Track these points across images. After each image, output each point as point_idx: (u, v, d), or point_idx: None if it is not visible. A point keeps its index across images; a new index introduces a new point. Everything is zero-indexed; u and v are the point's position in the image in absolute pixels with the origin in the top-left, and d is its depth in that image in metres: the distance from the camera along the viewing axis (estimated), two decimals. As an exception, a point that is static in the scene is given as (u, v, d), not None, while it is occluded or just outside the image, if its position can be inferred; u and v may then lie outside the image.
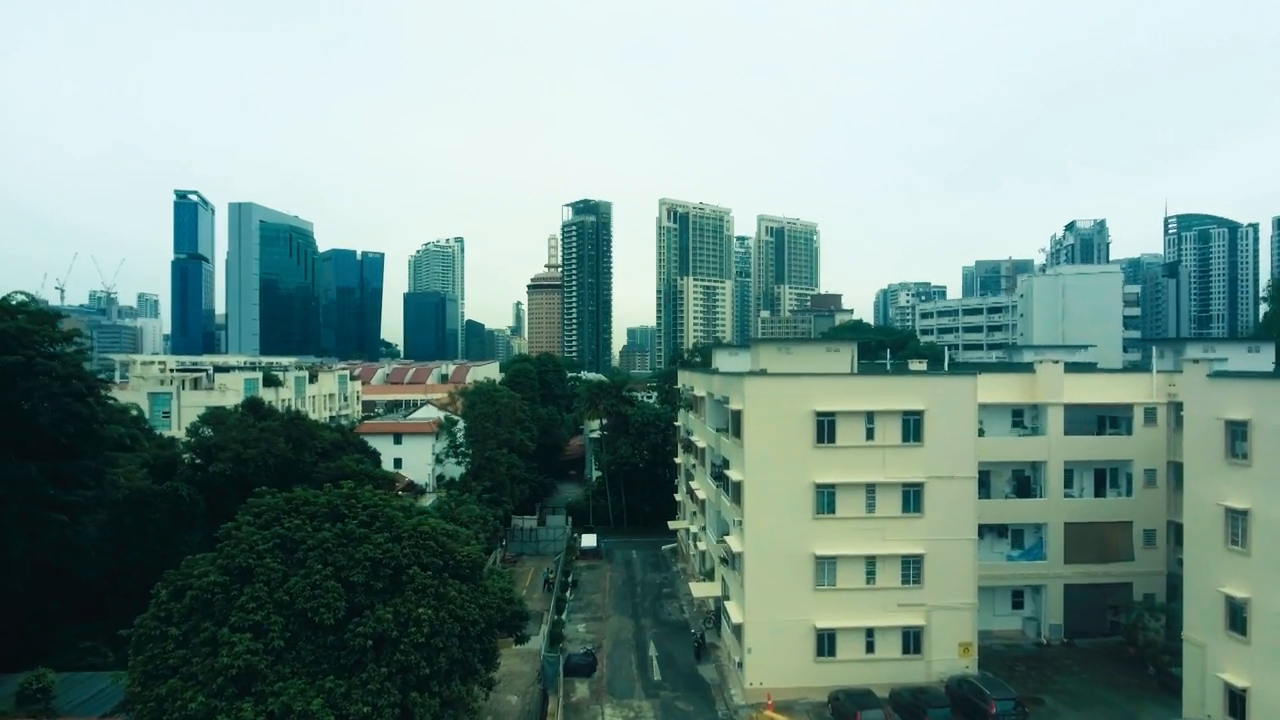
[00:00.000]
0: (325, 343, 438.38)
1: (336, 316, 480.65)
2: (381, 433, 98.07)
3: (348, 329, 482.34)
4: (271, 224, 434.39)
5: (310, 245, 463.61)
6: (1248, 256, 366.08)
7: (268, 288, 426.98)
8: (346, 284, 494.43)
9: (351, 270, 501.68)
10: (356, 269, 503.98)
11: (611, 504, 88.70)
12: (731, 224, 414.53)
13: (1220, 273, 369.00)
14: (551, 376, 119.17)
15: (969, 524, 39.99)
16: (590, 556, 73.25)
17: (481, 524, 61.33)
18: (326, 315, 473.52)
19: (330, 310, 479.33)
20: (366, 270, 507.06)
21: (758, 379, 40.02)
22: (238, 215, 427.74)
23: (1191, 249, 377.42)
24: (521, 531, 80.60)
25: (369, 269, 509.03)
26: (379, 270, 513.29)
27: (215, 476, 57.49)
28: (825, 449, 39.34)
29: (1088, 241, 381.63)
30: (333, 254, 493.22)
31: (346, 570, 28.33)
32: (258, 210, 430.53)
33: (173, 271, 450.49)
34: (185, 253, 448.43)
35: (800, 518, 39.27)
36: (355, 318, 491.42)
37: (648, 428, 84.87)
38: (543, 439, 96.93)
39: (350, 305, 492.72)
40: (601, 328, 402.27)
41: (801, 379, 39.88)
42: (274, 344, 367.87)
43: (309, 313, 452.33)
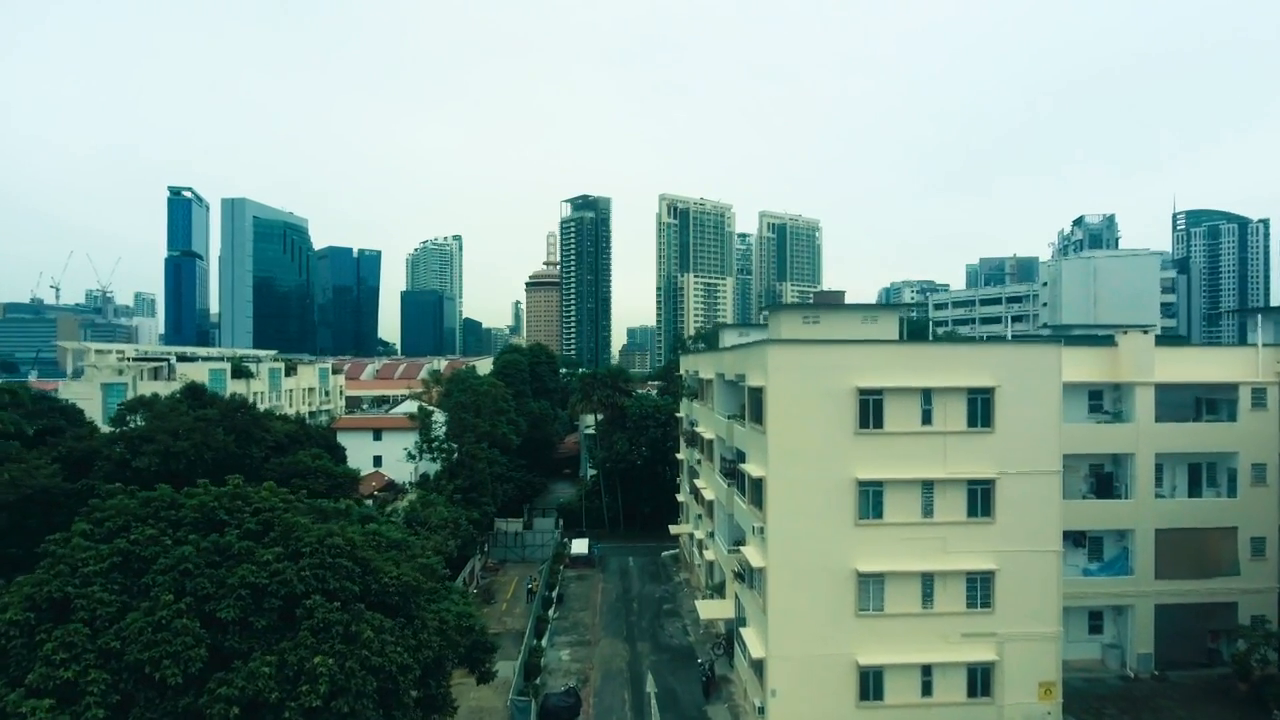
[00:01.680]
0: (321, 341, 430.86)
1: (333, 315, 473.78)
2: (360, 428, 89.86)
3: (344, 328, 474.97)
4: (265, 220, 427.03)
5: (305, 242, 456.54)
6: (1258, 253, 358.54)
7: (262, 285, 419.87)
8: (343, 282, 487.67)
9: (348, 268, 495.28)
10: (353, 267, 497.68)
11: (606, 505, 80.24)
12: (733, 220, 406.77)
13: (1230, 269, 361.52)
14: (544, 368, 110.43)
15: (1052, 531, 31.50)
16: (581, 565, 64.79)
17: (453, 529, 52.97)
18: (323, 314, 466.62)
19: (327, 309, 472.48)
20: (363, 268, 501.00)
21: (784, 347, 31.46)
22: (230, 211, 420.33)
23: (1200, 245, 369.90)
24: (505, 536, 72.18)
25: (366, 267, 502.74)
26: (376, 268, 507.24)
27: (140, 473, 49.13)
28: (870, 436, 30.85)
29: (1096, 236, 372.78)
30: (329, 251, 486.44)
31: (214, 602, 19.91)
32: (251, 206, 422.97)
33: (166, 269, 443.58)
34: (179, 250, 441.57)
35: (838, 524, 30.79)
36: (352, 316, 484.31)
37: (646, 421, 76.39)
38: (532, 434, 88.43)
39: (347, 304, 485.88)
40: (600, 325, 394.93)
41: (840, 347, 31.35)
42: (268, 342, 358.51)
43: (304, 311, 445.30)
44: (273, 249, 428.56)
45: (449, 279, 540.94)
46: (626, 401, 79.10)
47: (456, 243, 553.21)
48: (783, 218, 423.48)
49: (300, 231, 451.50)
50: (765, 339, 31.31)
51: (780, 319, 37.58)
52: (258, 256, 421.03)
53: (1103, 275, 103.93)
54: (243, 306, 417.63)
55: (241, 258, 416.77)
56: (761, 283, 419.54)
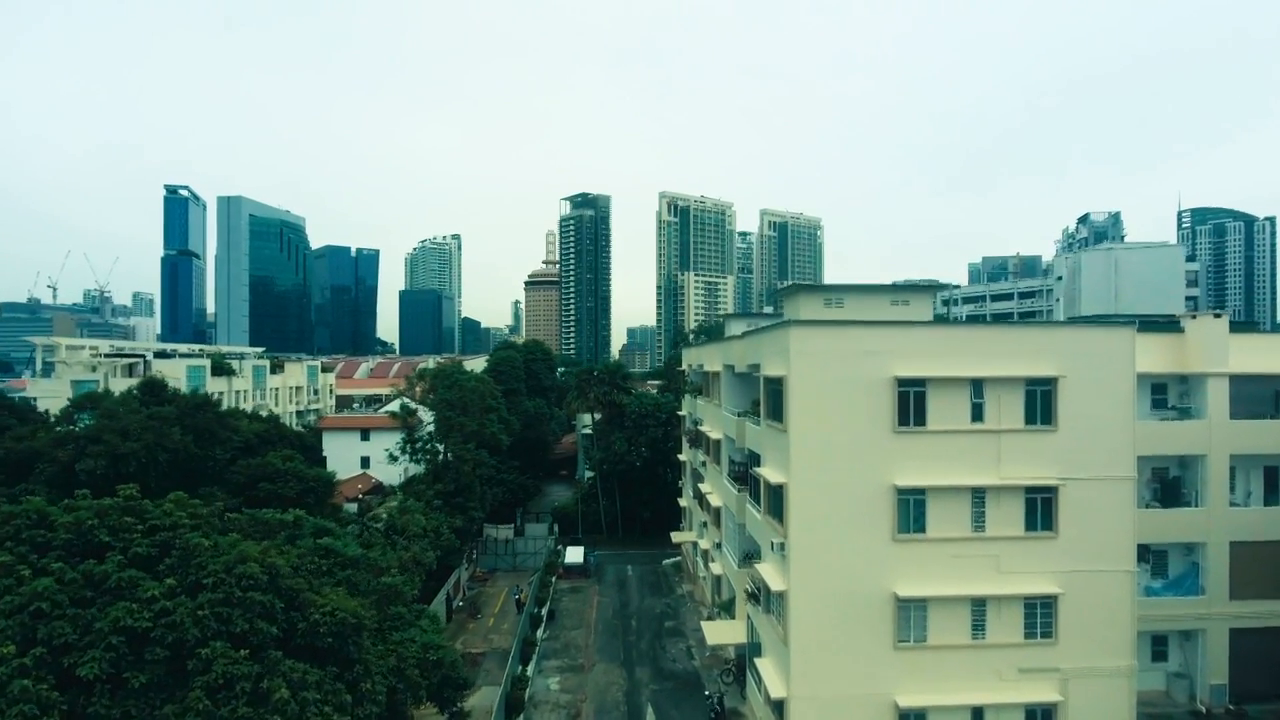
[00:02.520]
0: (320, 341, 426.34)
1: (331, 314, 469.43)
2: (347, 428, 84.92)
3: (342, 327, 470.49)
4: (261, 218, 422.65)
5: (302, 241, 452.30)
6: (1265, 250, 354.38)
7: (258, 284, 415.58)
8: (341, 281, 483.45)
9: (346, 267, 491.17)
10: (351, 266, 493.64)
11: (604, 509, 75.41)
12: (733, 218, 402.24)
13: (1236, 266, 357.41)
14: (539, 366, 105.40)
15: (1124, 547, 26.63)
16: (575, 575, 59.94)
17: (433, 538, 48.13)
18: (321, 313, 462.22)
19: (325, 308, 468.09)
20: (362, 267, 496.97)
21: (810, 329, 26.58)
22: (226, 209, 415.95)
23: (1206, 243, 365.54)
24: (495, 543, 67.39)
25: (364, 266, 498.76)
26: (374, 267, 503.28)
27: (84, 478, 44.35)
28: (911, 435, 26.02)
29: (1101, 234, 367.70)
30: (327, 250, 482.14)
31: (76, 653, 15.12)
32: (247, 204, 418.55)
33: (162, 268, 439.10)
34: (175, 249, 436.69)
35: (873, 539, 25.95)
36: (350, 316, 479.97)
37: (646, 420, 71.56)
38: (526, 434, 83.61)
39: (345, 303, 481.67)
40: (600, 325, 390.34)
41: (876, 329, 26.48)
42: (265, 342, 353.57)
43: (302, 310, 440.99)
44: (269, 248, 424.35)
45: (448, 278, 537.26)
46: (625, 399, 74.28)
47: (455, 242, 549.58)
48: (784, 216, 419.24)
49: (297, 230, 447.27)
50: (785, 320, 26.49)
51: (798, 301, 32.67)
52: (254, 255, 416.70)
53: (1124, 267, 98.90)
54: (239, 306, 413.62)
55: (238, 256, 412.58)
56: (763, 281, 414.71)
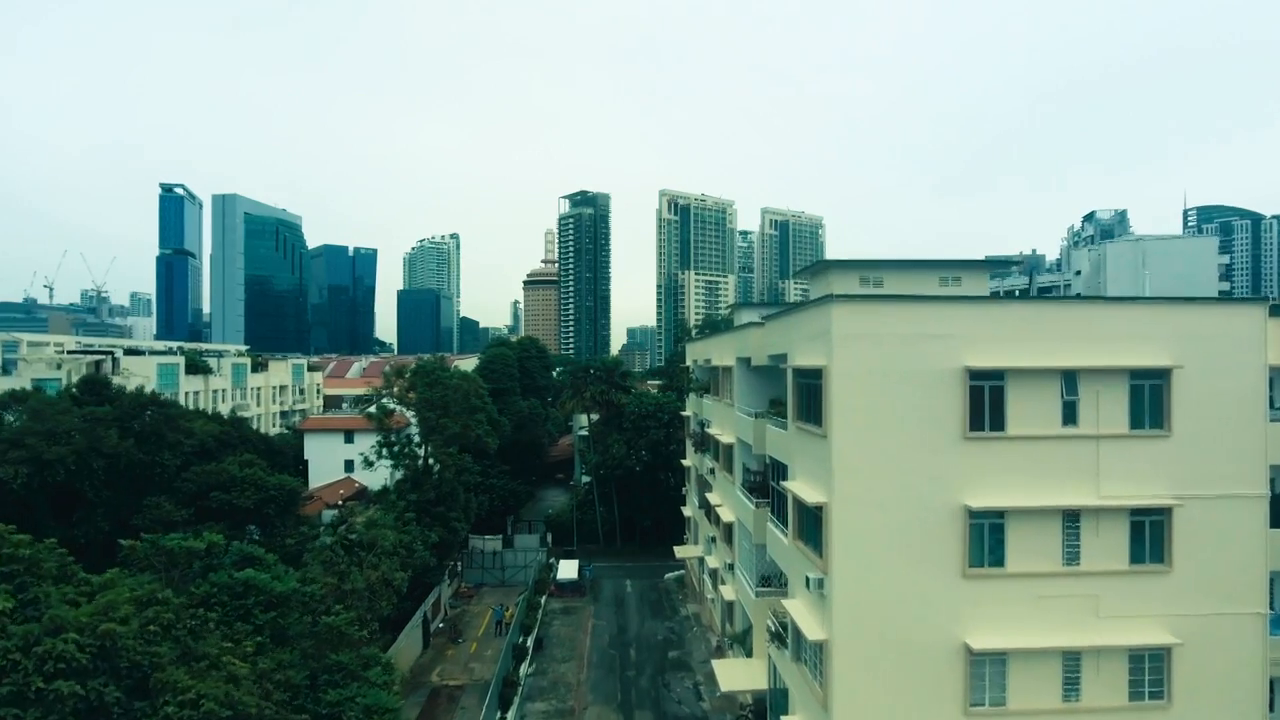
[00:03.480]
0: (316, 341, 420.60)
1: (328, 314, 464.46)
2: (330, 429, 79.32)
3: (340, 327, 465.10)
4: (257, 217, 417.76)
5: (299, 239, 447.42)
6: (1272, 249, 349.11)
7: (254, 283, 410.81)
8: (339, 281, 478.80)
9: (344, 267, 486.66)
10: (349, 265, 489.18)
11: (601, 517, 69.83)
12: (734, 216, 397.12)
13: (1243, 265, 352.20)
14: (534, 364, 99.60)
15: (1254, 583, 20.93)
16: (569, 593, 54.34)
17: (405, 555, 42.47)
18: (318, 313, 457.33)
19: (322, 308, 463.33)
20: (359, 267, 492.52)
21: (857, 307, 20.76)
22: (221, 207, 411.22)
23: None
24: (482, 556, 61.72)
25: (362, 265, 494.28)
26: (372, 267, 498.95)
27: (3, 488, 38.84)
28: (985, 442, 20.37)
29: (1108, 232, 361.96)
30: (324, 250, 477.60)
31: None
32: (242, 202, 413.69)
33: (157, 267, 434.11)
34: (171, 248, 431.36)
35: (937, 575, 20.29)
36: (348, 316, 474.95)
37: (646, 421, 65.95)
38: (518, 436, 77.94)
39: (342, 303, 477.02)
40: (600, 324, 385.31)
41: (941, 307, 20.74)
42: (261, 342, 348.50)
43: (299, 310, 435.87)
44: (265, 246, 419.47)
45: (446, 278, 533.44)
46: (624, 398, 68.65)
47: (454, 241, 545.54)
48: (786, 215, 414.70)
49: (293, 229, 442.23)
50: (825, 295, 20.84)
51: (829, 279, 26.95)
52: (249, 254, 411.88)
53: (1153, 259, 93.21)
54: (234, 305, 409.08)
55: (233, 255, 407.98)
56: (763, 280, 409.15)
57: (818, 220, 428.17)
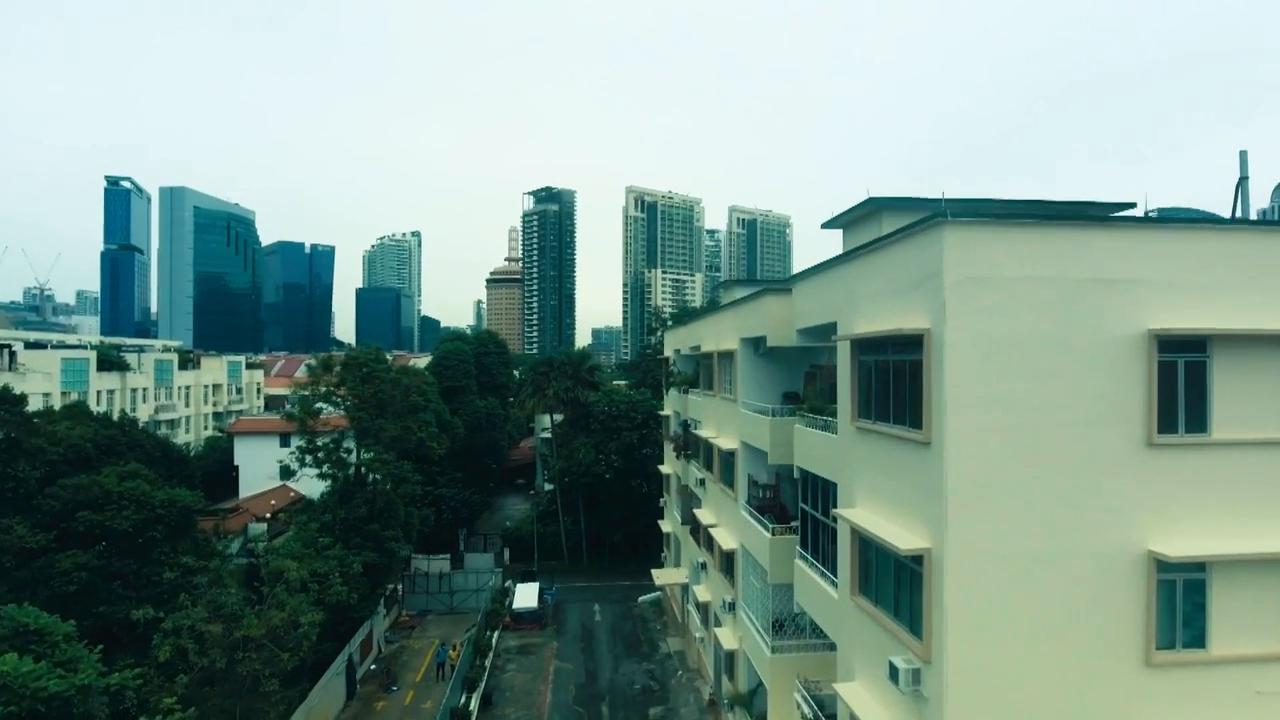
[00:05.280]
0: (271, 340, 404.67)
1: (284, 313, 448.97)
2: (263, 431, 70.27)
3: (296, 326, 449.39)
4: (207, 211, 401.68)
5: (252, 236, 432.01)
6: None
7: (204, 280, 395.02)
8: (295, 279, 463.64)
9: (300, 264, 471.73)
10: (305, 263, 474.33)
11: (565, 530, 61.78)
12: (702, 214, 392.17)
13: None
14: (493, 360, 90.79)
15: None
16: (527, 624, 46.14)
17: (320, 589, 33.99)
18: (273, 312, 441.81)
19: (277, 306, 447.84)
20: (317, 264, 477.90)
21: (987, 232, 12.64)
22: (169, 201, 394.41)
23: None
24: (427, 578, 53.23)
25: (319, 263, 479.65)
26: (330, 265, 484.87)
27: None
28: (1179, 451, 12.90)
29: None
30: (279, 247, 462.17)
31: None
32: (192, 196, 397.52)
33: (102, 264, 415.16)
34: (117, 243, 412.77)
35: (1106, 661, 12.72)
36: (304, 314, 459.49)
37: (617, 421, 58.09)
38: (473, 439, 69.45)
39: (299, 301, 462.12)
40: (565, 324, 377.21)
41: (1117, 234, 13.03)
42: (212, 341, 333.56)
43: (253, 308, 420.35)
44: (216, 242, 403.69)
45: (408, 276, 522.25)
46: (592, 396, 60.62)
47: (415, 239, 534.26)
48: (753, 213, 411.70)
49: (246, 224, 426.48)
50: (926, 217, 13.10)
51: (881, 223, 19.18)
52: (200, 250, 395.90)
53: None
54: (183, 303, 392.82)
55: (181, 250, 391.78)
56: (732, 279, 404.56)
57: (785, 219, 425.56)
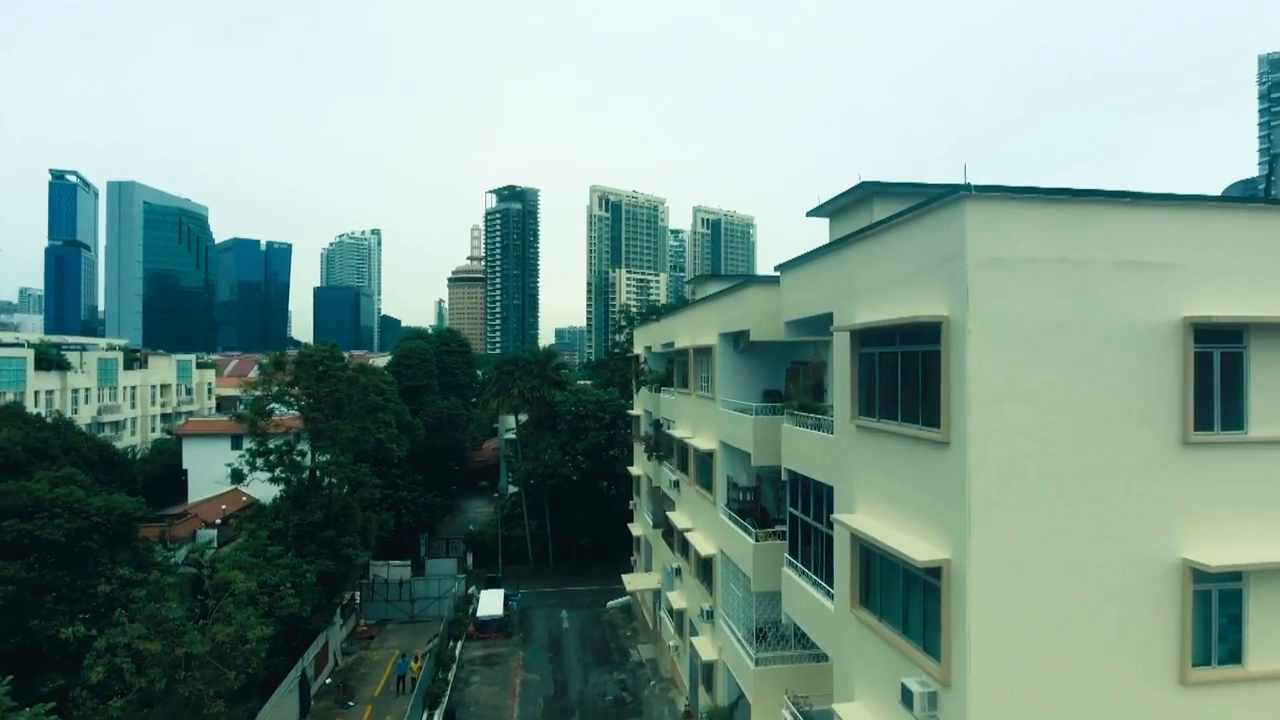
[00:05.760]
0: (225, 340, 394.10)
1: (239, 312, 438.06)
2: (214, 433, 67.16)
3: (251, 325, 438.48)
4: (157, 206, 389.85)
5: (205, 232, 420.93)
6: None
7: (155, 277, 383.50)
8: (250, 277, 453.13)
9: (255, 261, 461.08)
10: (261, 260, 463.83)
11: (531, 534, 60.00)
12: (666, 214, 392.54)
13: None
14: (455, 359, 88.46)
15: None
16: (492, 632, 44.34)
17: (270, 601, 31.89)
18: (227, 310, 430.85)
19: (232, 305, 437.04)
20: (273, 262, 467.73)
21: (1012, 207, 11.40)
22: (117, 195, 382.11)
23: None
24: (386, 586, 51.08)
25: (275, 261, 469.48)
26: (286, 262, 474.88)
27: None
28: (1216, 450, 11.83)
29: None
30: (233, 244, 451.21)
31: None
32: (141, 191, 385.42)
33: (46, 260, 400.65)
34: (62, 239, 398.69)
35: (1138, 683, 11.61)
36: (259, 313, 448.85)
37: (585, 421, 56.47)
38: (435, 440, 67.22)
39: (254, 300, 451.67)
40: (528, 324, 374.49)
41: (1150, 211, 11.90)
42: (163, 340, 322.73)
43: (206, 306, 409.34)
44: (166, 238, 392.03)
45: (367, 275, 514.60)
46: (558, 395, 58.94)
47: (375, 237, 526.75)
48: (717, 213, 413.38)
49: (199, 220, 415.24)
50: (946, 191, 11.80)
51: (871, 210, 17.93)
52: (149, 246, 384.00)
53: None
54: (131, 300, 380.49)
55: (130, 247, 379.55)
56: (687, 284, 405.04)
57: (749, 220, 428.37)
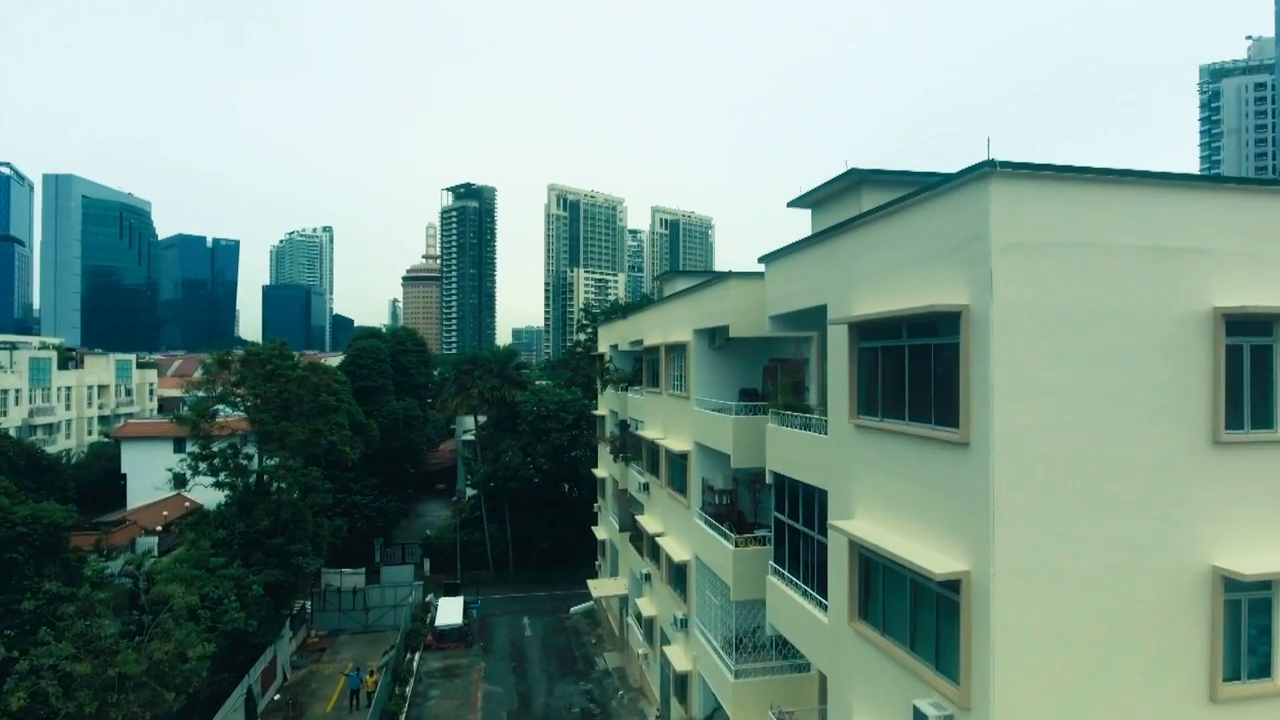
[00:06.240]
0: (169, 339, 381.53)
1: (184, 310, 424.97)
2: (154, 436, 64.08)
3: (196, 324, 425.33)
4: (97, 200, 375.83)
5: (148, 228, 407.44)
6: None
7: (94, 274, 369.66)
8: (196, 274, 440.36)
9: (201, 259, 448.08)
10: (207, 257, 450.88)
11: (490, 538, 58.28)
12: (624, 214, 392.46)
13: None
14: (411, 359, 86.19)
15: None
16: (451, 642, 42.61)
17: (214, 616, 29.84)
18: (171, 309, 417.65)
19: (177, 304, 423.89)
20: (220, 259, 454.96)
21: (1041, 186, 10.43)
22: (54, 189, 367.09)
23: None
24: (339, 595, 48.90)
25: (222, 258, 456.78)
26: (234, 259, 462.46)
27: None
28: (1245, 447, 11.00)
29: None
30: (178, 240, 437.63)
31: None
32: (80, 184, 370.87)
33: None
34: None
35: (1165, 700, 10.77)
36: (206, 312, 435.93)
37: (547, 422, 54.99)
38: (390, 442, 64.98)
39: (200, 298, 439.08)
40: (485, 323, 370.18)
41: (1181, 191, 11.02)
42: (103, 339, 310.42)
43: (150, 304, 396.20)
44: (107, 234, 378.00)
45: (319, 273, 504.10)
46: (520, 395, 57.33)
47: (327, 234, 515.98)
48: (676, 214, 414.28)
49: (141, 215, 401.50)
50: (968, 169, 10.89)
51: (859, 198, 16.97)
52: (88, 242, 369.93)
53: None
54: (68, 298, 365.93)
55: (68, 242, 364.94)
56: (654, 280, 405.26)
57: (707, 220, 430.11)
